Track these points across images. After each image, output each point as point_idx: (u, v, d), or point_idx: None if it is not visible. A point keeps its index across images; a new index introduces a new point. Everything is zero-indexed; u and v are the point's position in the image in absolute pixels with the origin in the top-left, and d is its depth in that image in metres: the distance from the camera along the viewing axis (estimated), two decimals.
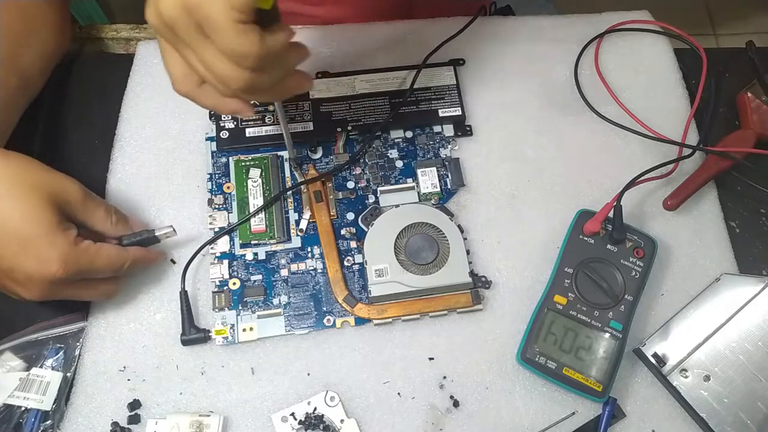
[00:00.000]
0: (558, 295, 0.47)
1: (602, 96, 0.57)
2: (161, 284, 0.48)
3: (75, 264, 0.41)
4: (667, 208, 0.52)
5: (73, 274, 0.41)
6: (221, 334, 0.46)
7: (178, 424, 0.43)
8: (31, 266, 0.40)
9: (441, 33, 0.57)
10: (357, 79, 0.55)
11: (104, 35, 0.61)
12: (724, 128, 0.57)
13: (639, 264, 0.47)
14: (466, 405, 0.46)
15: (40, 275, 0.40)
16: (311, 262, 0.49)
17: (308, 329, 0.47)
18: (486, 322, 0.48)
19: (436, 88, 0.55)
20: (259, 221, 0.50)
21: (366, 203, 0.52)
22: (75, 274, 0.41)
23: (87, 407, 0.45)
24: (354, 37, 0.59)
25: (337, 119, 0.54)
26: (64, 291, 0.43)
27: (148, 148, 0.53)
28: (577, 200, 0.52)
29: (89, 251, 0.42)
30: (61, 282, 0.41)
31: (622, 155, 0.55)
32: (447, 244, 0.49)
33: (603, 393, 0.44)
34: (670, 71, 0.59)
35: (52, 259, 0.40)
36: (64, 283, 0.42)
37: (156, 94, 0.55)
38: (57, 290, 0.42)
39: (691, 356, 0.45)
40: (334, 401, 0.45)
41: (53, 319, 0.47)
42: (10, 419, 0.44)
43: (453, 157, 0.53)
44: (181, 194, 0.52)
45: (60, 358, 0.46)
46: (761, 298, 0.46)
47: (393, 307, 0.47)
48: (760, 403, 0.44)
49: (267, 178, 0.51)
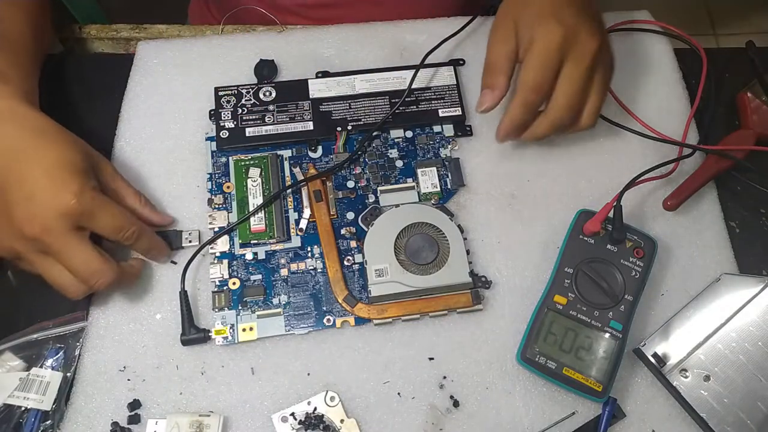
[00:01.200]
0: (558, 295, 0.47)
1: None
2: (161, 284, 0.48)
3: (89, 202, 0.41)
4: (667, 208, 0.52)
5: (84, 215, 0.41)
6: (221, 334, 0.46)
7: (178, 424, 0.43)
8: (49, 192, 0.40)
9: (441, 33, 0.57)
10: (357, 78, 0.55)
11: (104, 35, 0.61)
12: (724, 128, 0.57)
13: (639, 264, 0.47)
14: (466, 405, 0.46)
15: (54, 203, 0.40)
16: (311, 262, 0.49)
17: (308, 329, 0.47)
18: (486, 322, 0.48)
19: (435, 88, 0.55)
20: (258, 221, 0.50)
21: (366, 203, 0.52)
22: (86, 214, 0.41)
23: (87, 407, 0.45)
24: (354, 37, 0.59)
25: (337, 119, 0.54)
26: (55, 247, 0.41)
27: (148, 148, 0.53)
28: (577, 200, 0.52)
29: (105, 199, 0.43)
30: (72, 219, 0.41)
31: (622, 155, 0.55)
32: (447, 244, 0.49)
33: (603, 393, 0.44)
34: (670, 71, 0.59)
35: (71, 190, 0.41)
36: (73, 222, 0.41)
37: (156, 94, 0.55)
38: (61, 232, 0.41)
39: (691, 356, 0.45)
40: (334, 401, 0.45)
41: (53, 319, 0.47)
42: (10, 419, 0.44)
43: (453, 157, 0.53)
44: (181, 194, 0.52)
45: (60, 358, 0.46)
46: (761, 298, 0.46)
47: (393, 307, 0.47)
48: (760, 403, 0.44)
49: (267, 178, 0.51)
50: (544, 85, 0.46)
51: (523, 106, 0.47)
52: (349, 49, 0.59)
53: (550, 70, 0.46)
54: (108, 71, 0.57)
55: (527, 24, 0.47)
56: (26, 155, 0.42)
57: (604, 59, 0.48)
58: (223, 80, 0.56)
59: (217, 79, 0.56)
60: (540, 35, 0.46)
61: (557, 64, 0.46)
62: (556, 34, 0.45)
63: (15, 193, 0.41)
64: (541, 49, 0.46)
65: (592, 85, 0.48)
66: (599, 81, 0.48)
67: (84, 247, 0.42)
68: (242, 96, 0.54)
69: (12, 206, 0.41)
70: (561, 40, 0.45)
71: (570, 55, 0.46)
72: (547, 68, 0.46)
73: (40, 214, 0.40)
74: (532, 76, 0.46)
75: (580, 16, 0.46)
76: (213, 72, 0.57)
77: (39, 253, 0.42)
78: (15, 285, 0.49)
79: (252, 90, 0.54)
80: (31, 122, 0.43)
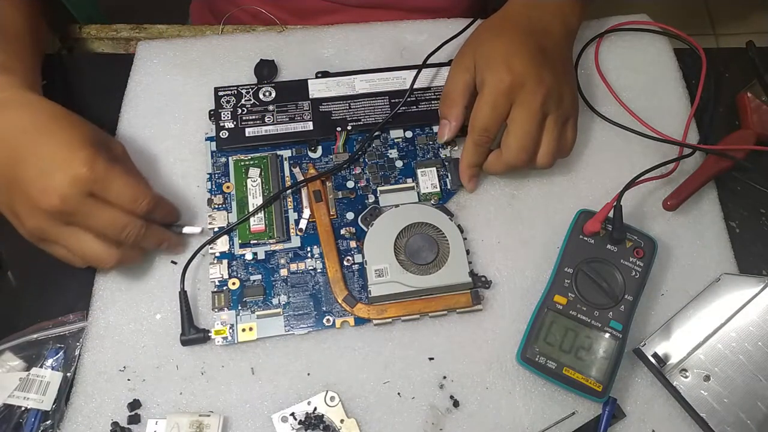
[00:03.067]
0: (558, 295, 0.47)
1: (602, 96, 0.57)
2: (161, 284, 0.48)
3: (102, 171, 0.42)
4: (667, 208, 0.52)
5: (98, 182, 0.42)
6: (220, 334, 0.46)
7: (178, 424, 0.43)
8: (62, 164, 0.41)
9: (441, 33, 0.57)
10: (357, 79, 0.55)
11: (104, 35, 0.61)
12: (724, 128, 0.57)
13: (639, 264, 0.47)
14: (466, 405, 0.46)
15: (68, 173, 0.41)
16: (311, 262, 0.49)
17: (308, 329, 0.47)
18: (486, 322, 0.48)
19: (436, 88, 0.55)
20: (258, 221, 0.50)
21: (366, 203, 0.52)
22: (99, 182, 0.42)
23: (87, 407, 0.45)
24: (354, 37, 0.59)
25: (337, 119, 0.54)
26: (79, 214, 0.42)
27: (148, 148, 0.53)
28: (577, 200, 0.52)
29: (119, 168, 0.43)
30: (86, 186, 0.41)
31: (622, 155, 0.55)
32: (447, 244, 0.49)
33: (603, 393, 0.44)
34: (670, 71, 0.59)
35: (82, 160, 0.41)
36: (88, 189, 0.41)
37: (156, 94, 0.55)
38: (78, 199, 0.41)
39: (691, 356, 0.45)
40: (334, 401, 0.45)
41: (53, 319, 0.47)
42: (10, 419, 0.44)
43: (453, 158, 0.53)
44: (181, 194, 0.52)
45: (60, 358, 0.46)
46: (761, 298, 0.46)
47: (393, 307, 0.47)
48: (760, 403, 0.44)
49: (266, 178, 0.51)
50: (493, 127, 0.48)
51: (474, 147, 0.50)
52: (349, 49, 0.59)
53: (497, 113, 0.48)
54: (108, 71, 0.57)
55: (480, 65, 0.49)
56: (39, 135, 0.42)
57: (557, 104, 0.49)
58: (223, 80, 0.56)
59: (217, 79, 0.56)
60: (489, 80, 0.48)
61: (505, 108, 0.48)
62: (504, 80, 0.47)
63: (29, 171, 0.42)
64: (490, 92, 0.48)
65: (544, 129, 0.49)
66: (552, 125, 0.49)
67: (105, 207, 0.43)
68: (242, 96, 0.54)
69: (28, 184, 0.41)
70: (507, 86, 0.47)
71: (517, 100, 0.48)
72: (495, 112, 0.48)
73: (55, 186, 0.41)
74: (480, 118, 0.48)
75: (530, 65, 0.48)
76: (213, 72, 0.57)
77: (64, 225, 0.43)
78: (15, 285, 0.49)
79: (252, 90, 0.54)
80: (41, 107, 0.44)
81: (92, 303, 0.48)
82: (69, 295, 0.48)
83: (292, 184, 0.51)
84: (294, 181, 0.52)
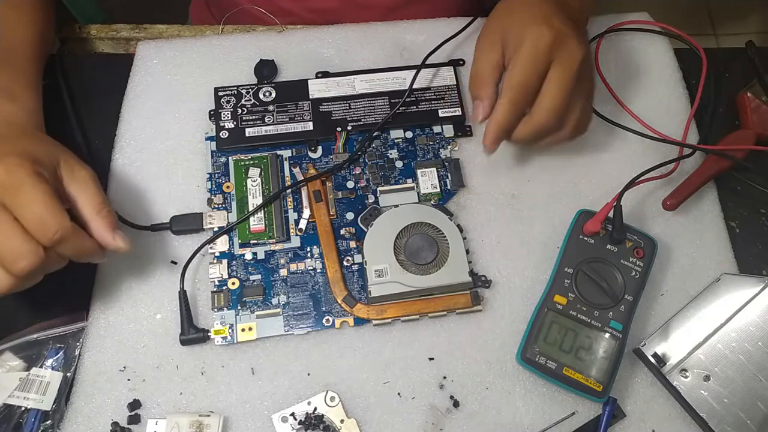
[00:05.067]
0: (558, 295, 0.47)
1: (602, 96, 0.57)
2: (161, 284, 0.48)
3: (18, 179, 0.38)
4: (667, 208, 0.52)
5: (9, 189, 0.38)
6: (220, 334, 0.46)
7: (178, 424, 0.43)
8: None
9: (441, 33, 0.57)
10: (357, 79, 0.55)
11: (104, 35, 0.61)
12: (724, 128, 0.57)
13: (639, 264, 0.47)
14: (466, 405, 0.46)
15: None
16: (310, 262, 0.49)
17: (307, 329, 0.47)
18: (486, 322, 0.48)
19: (435, 89, 0.55)
20: (258, 221, 0.50)
21: (365, 203, 0.52)
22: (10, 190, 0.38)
23: (87, 407, 0.45)
24: (354, 37, 0.59)
25: (337, 119, 0.54)
26: None
27: (148, 148, 0.53)
28: (577, 200, 0.52)
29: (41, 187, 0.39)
30: None
31: (622, 155, 0.55)
32: (447, 244, 0.49)
33: (603, 393, 0.44)
34: (670, 71, 0.59)
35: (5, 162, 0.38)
36: None
37: (156, 94, 0.55)
38: None
39: (691, 356, 0.45)
40: (334, 401, 0.45)
41: (53, 319, 0.47)
42: (10, 419, 0.44)
43: (453, 158, 0.53)
44: (181, 194, 0.52)
45: (60, 358, 0.46)
46: (761, 298, 0.46)
47: (392, 308, 0.47)
48: (760, 403, 0.44)
49: (266, 178, 0.51)
50: (531, 85, 0.46)
51: (509, 105, 0.46)
52: (349, 49, 0.59)
53: (537, 70, 0.46)
54: (108, 71, 0.57)
55: (516, 30, 0.47)
56: None
57: (588, 73, 0.48)
58: (223, 80, 0.56)
59: (217, 79, 0.56)
60: (529, 37, 0.46)
61: (545, 66, 0.46)
62: (546, 36, 0.45)
63: None
64: (530, 48, 0.46)
65: (578, 95, 0.47)
66: (584, 92, 0.48)
67: (8, 224, 0.38)
68: (242, 96, 0.54)
69: None
70: (550, 41, 0.45)
71: (558, 58, 0.46)
72: (535, 68, 0.46)
73: None
74: (519, 74, 0.46)
75: (569, 25, 0.47)
76: (213, 72, 0.57)
77: None
78: None
79: (252, 90, 0.54)
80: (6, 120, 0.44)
81: (92, 303, 0.48)
82: (69, 295, 0.48)
83: (292, 184, 0.51)
84: (294, 181, 0.52)
